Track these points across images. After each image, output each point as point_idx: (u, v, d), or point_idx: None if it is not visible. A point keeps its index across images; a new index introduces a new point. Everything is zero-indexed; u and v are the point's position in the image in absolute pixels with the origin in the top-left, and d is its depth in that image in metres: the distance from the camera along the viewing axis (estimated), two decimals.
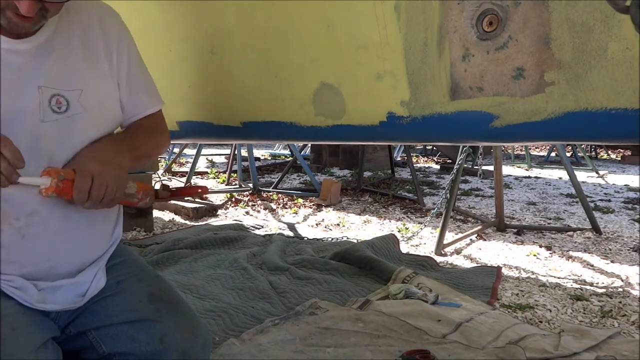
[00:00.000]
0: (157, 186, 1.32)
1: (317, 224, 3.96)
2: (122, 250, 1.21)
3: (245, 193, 5.09)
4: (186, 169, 6.55)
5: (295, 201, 4.79)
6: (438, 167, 7.86)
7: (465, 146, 3.44)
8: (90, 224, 1.11)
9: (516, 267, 2.87)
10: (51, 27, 1.03)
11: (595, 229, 3.70)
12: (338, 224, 3.95)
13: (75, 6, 1.08)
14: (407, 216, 4.29)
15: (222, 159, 7.93)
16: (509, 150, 9.26)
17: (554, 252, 3.20)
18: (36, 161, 1.00)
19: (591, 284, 2.60)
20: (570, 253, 3.17)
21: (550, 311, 2.22)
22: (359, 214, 4.31)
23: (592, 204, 4.45)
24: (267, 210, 4.46)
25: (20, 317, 0.95)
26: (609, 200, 5.11)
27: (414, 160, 8.27)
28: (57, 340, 1.06)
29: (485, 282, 2.54)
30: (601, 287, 2.55)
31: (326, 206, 4.59)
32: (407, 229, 3.79)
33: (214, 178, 6.25)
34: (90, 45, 1.10)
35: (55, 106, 1.03)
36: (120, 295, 1.13)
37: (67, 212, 1.05)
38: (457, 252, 3.20)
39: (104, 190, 1.01)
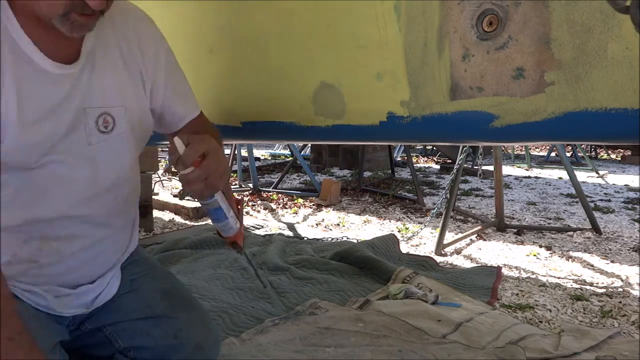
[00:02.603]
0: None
1: (317, 224, 3.96)
2: (135, 250, 1.22)
3: (245, 193, 5.09)
4: None
5: (295, 201, 4.79)
6: (438, 167, 7.86)
7: (465, 146, 3.44)
8: (116, 237, 1.12)
9: (516, 267, 2.87)
10: (90, 42, 1.00)
11: (595, 229, 3.70)
12: (338, 224, 3.95)
13: (109, 13, 1.05)
14: (407, 216, 4.29)
15: None
16: (509, 150, 9.26)
17: (554, 252, 3.20)
18: (84, 185, 0.99)
19: (591, 284, 2.60)
20: (570, 253, 3.17)
21: (550, 311, 2.22)
22: (359, 214, 4.31)
23: (592, 204, 4.45)
24: (267, 210, 4.46)
25: (32, 320, 0.95)
26: (609, 200, 5.11)
27: (414, 160, 8.27)
28: (72, 335, 1.08)
29: (485, 282, 2.54)
30: (601, 287, 2.55)
31: (326, 206, 4.59)
32: (407, 229, 3.79)
33: None
34: (128, 56, 1.07)
35: (102, 126, 1.01)
36: (135, 293, 1.15)
37: (100, 232, 1.06)
38: (457, 252, 3.20)
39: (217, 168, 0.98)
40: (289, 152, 8.16)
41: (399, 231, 3.71)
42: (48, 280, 1.01)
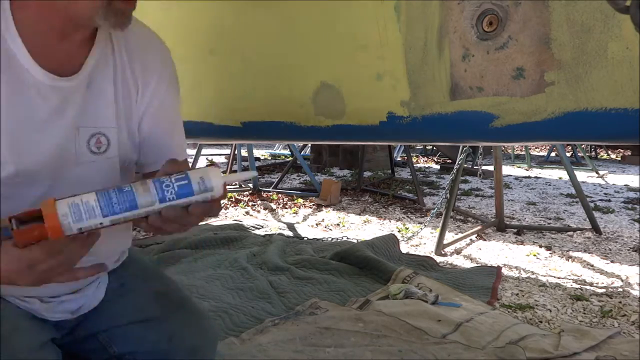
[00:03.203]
0: None
1: (317, 224, 3.96)
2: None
3: (245, 193, 5.09)
4: None
5: (295, 201, 4.79)
6: (438, 167, 7.86)
7: (465, 146, 3.44)
8: (114, 249, 1.11)
9: (516, 267, 2.87)
10: (92, 60, 0.95)
11: (595, 229, 3.70)
12: (338, 224, 3.95)
13: (124, 36, 0.99)
14: (407, 216, 4.29)
15: (222, 159, 7.93)
16: (509, 150, 9.26)
17: (554, 252, 3.20)
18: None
19: (591, 284, 2.60)
20: (570, 253, 3.17)
21: (550, 311, 2.22)
22: (359, 214, 4.31)
23: (592, 204, 4.45)
24: (267, 210, 4.46)
25: (22, 319, 0.94)
26: (609, 200, 5.11)
27: (414, 160, 8.27)
28: (65, 341, 1.05)
29: (485, 282, 2.54)
30: (601, 287, 2.55)
31: (326, 206, 4.59)
32: (407, 229, 3.79)
33: None
34: (127, 77, 1.00)
35: (94, 146, 0.96)
36: (126, 297, 1.12)
37: (112, 247, 1.05)
38: (457, 252, 3.20)
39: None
40: (289, 152, 8.15)
41: (399, 231, 3.71)
42: (26, 291, 0.97)
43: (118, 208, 0.75)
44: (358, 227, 3.89)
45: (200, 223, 3.82)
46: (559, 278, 2.69)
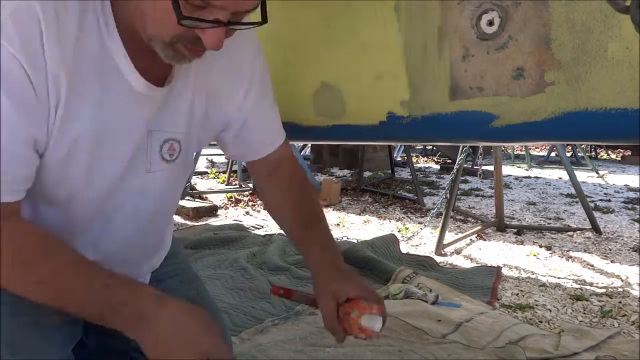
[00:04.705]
0: None
1: None
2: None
3: (245, 193, 5.09)
4: None
5: None
6: (438, 167, 7.86)
7: (465, 146, 3.44)
8: (159, 247, 1.11)
9: (516, 267, 2.87)
10: (179, 68, 0.90)
11: (595, 229, 3.70)
12: (338, 224, 3.95)
13: None
14: (407, 216, 4.29)
15: (222, 159, 7.92)
16: (509, 150, 9.26)
17: (554, 252, 3.20)
18: (125, 217, 0.92)
19: (591, 284, 2.60)
20: (570, 253, 3.17)
21: (550, 311, 2.22)
22: (359, 214, 4.31)
23: (592, 204, 4.45)
24: (267, 210, 4.45)
25: (45, 318, 0.90)
26: (609, 200, 5.11)
27: (414, 160, 8.27)
28: (93, 330, 1.03)
29: (485, 282, 2.54)
30: (601, 287, 2.55)
31: (326, 206, 4.59)
32: (407, 229, 3.79)
33: (214, 178, 6.25)
34: (212, 82, 0.96)
35: (167, 153, 0.93)
36: None
37: (149, 259, 1.07)
38: (457, 252, 3.20)
39: None
40: None
41: (399, 231, 3.71)
42: None
43: None
44: (358, 227, 3.89)
45: (200, 223, 3.80)
46: (559, 278, 2.69)
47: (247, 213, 4.35)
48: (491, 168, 4.70)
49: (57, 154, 0.80)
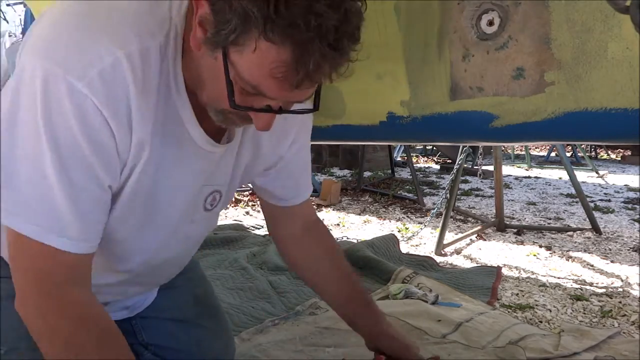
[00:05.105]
0: None
1: None
2: None
3: (245, 193, 5.09)
4: None
5: None
6: (438, 167, 7.86)
7: (465, 146, 3.44)
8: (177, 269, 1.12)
9: (516, 267, 2.87)
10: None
11: (595, 229, 3.70)
12: (338, 224, 3.95)
13: None
14: (407, 216, 4.29)
15: None
16: (509, 150, 9.26)
17: (554, 252, 3.20)
18: (160, 256, 0.93)
19: (591, 284, 2.60)
20: (570, 253, 3.17)
21: (550, 311, 2.22)
22: (359, 214, 4.31)
23: (592, 204, 4.45)
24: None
25: None
26: (609, 200, 5.11)
27: (414, 160, 8.27)
28: None
29: (485, 282, 2.54)
30: (601, 287, 2.55)
31: (326, 206, 4.59)
32: (407, 229, 3.79)
33: None
34: (260, 136, 0.95)
35: (209, 204, 0.94)
36: (170, 293, 1.16)
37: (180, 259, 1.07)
38: (457, 252, 3.20)
39: None
40: None
41: (399, 231, 3.71)
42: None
43: None
44: (358, 227, 3.89)
45: None
46: (559, 278, 2.69)
47: (247, 213, 4.35)
48: (491, 168, 4.70)
49: (117, 205, 0.80)
